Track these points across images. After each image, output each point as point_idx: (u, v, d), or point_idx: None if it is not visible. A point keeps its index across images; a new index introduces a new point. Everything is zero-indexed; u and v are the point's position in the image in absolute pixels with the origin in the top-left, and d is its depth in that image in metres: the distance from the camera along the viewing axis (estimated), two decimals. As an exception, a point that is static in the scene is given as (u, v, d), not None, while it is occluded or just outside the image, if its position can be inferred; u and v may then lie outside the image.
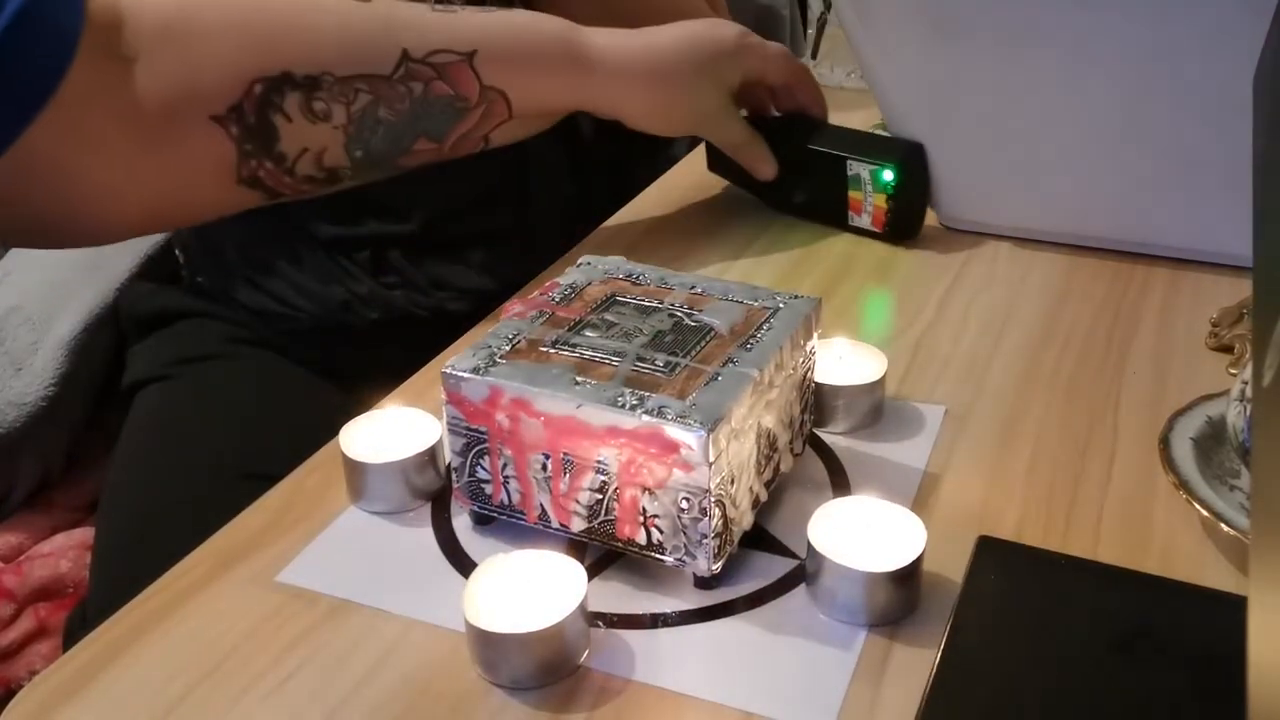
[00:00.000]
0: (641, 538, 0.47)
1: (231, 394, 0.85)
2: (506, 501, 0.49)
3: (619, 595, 0.48)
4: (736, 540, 0.48)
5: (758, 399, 0.47)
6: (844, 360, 0.58)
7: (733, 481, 0.46)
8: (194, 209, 0.69)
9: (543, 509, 0.48)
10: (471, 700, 0.43)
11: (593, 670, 0.44)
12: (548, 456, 0.47)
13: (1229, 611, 0.34)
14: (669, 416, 0.44)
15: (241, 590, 0.49)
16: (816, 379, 0.56)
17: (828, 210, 0.80)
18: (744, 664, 0.44)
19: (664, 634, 0.46)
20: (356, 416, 0.55)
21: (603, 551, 0.50)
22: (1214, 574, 0.48)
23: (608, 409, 0.45)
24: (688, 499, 0.45)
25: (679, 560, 0.46)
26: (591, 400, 0.45)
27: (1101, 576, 0.47)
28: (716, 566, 0.47)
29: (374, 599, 0.48)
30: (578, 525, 0.48)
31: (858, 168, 0.76)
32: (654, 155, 1.05)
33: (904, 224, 0.78)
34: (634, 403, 0.45)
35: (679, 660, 0.44)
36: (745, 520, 0.49)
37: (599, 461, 0.46)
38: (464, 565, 0.50)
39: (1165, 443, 0.52)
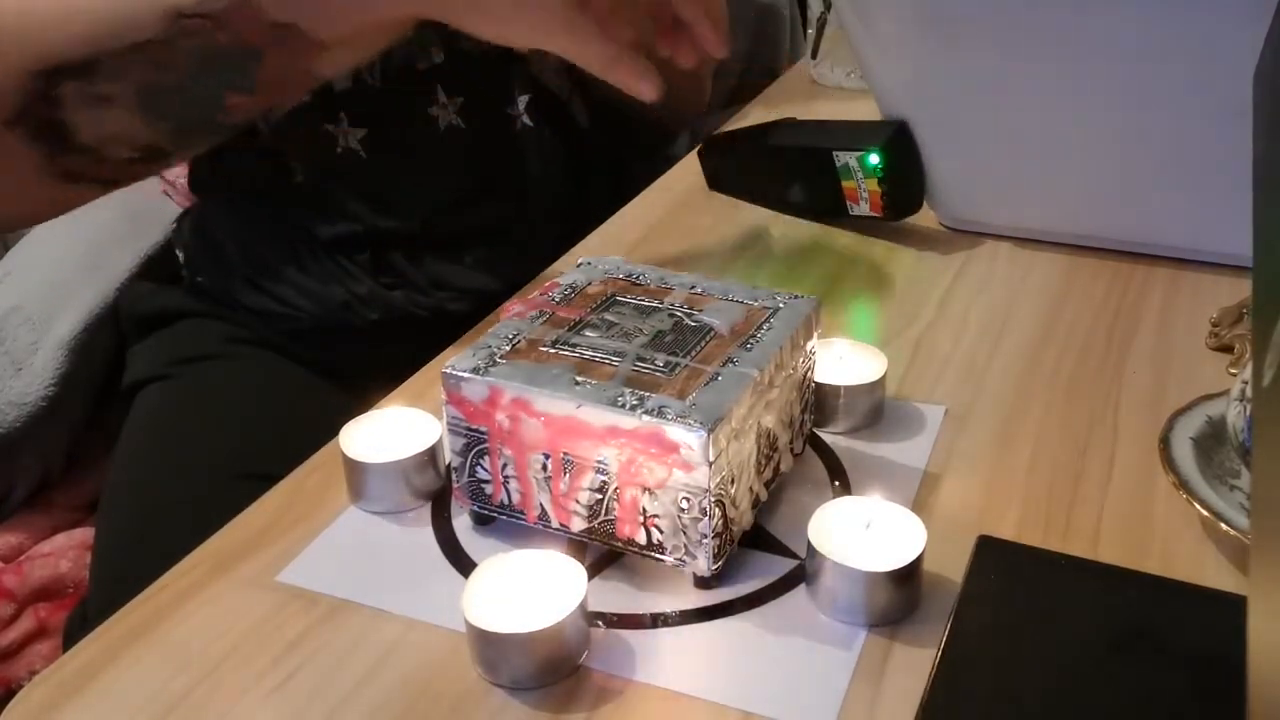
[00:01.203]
0: (641, 537, 0.47)
1: (231, 394, 0.85)
2: (506, 501, 0.49)
3: (619, 595, 0.48)
4: (736, 540, 0.48)
5: (758, 399, 0.47)
6: (844, 360, 0.58)
7: (733, 481, 0.46)
8: (32, 208, 0.67)
9: (543, 509, 0.48)
10: (471, 700, 0.43)
11: (593, 670, 0.44)
12: (548, 456, 0.47)
13: (1229, 611, 0.34)
14: (669, 416, 0.44)
15: (241, 590, 0.49)
16: (816, 379, 0.56)
17: (826, 204, 0.80)
18: (744, 664, 0.44)
19: (664, 634, 0.46)
20: (356, 416, 0.55)
21: (603, 551, 0.50)
22: (1214, 574, 0.48)
23: (608, 409, 0.45)
24: (688, 499, 0.45)
25: (679, 560, 0.46)
26: (591, 400, 0.45)
27: (1101, 576, 0.47)
28: (716, 566, 0.47)
29: (374, 599, 0.48)
30: (578, 525, 0.48)
31: (845, 158, 0.77)
32: (653, 155, 1.05)
33: (902, 202, 0.78)
34: (634, 403, 0.45)
35: (679, 660, 0.44)
36: (745, 520, 0.49)
37: (599, 461, 0.46)
38: (464, 565, 0.50)
39: (1165, 443, 0.52)
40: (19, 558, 0.87)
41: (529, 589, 0.44)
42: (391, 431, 0.54)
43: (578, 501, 0.47)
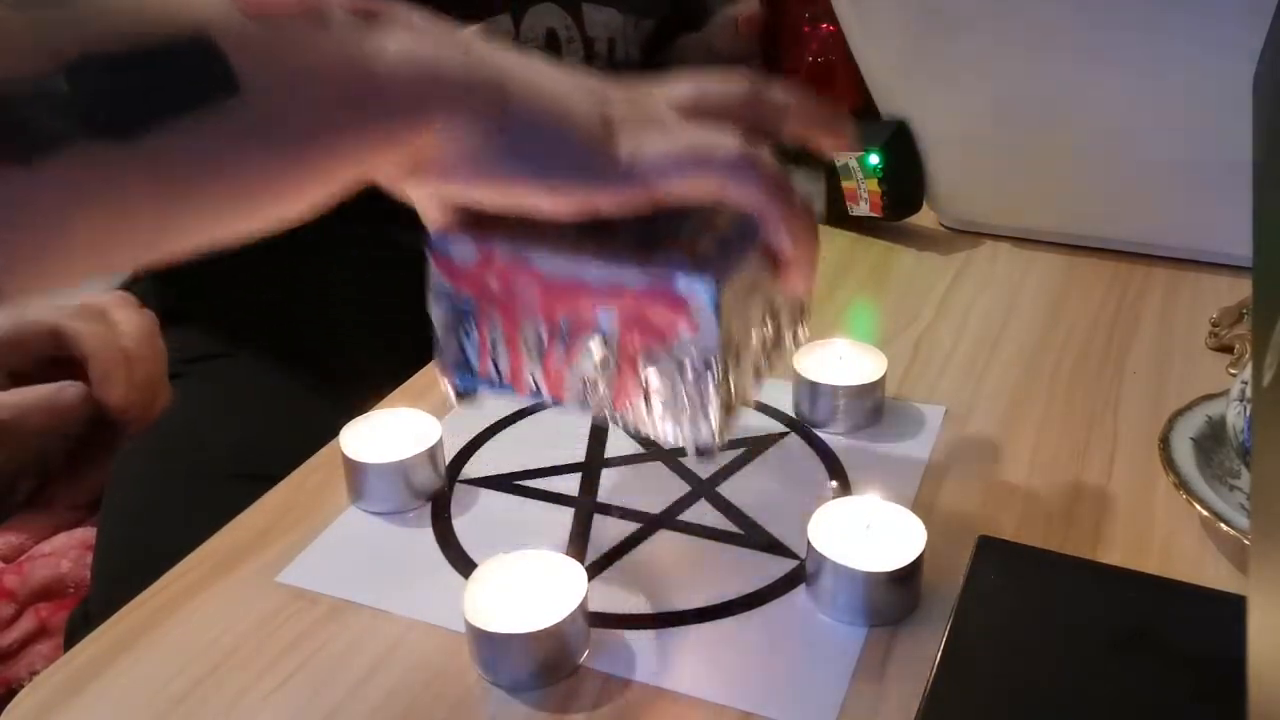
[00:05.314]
0: (641, 409, 0.44)
1: (231, 394, 0.85)
2: (494, 374, 0.46)
3: (619, 595, 0.48)
4: (740, 412, 0.45)
5: (764, 265, 0.44)
6: (844, 360, 0.58)
7: (738, 346, 0.43)
8: None
9: (534, 381, 0.45)
10: (471, 700, 0.43)
11: (593, 670, 0.44)
12: (543, 323, 0.43)
13: (1229, 611, 0.34)
14: (676, 270, 0.41)
15: (241, 590, 0.49)
16: (816, 379, 0.56)
17: (826, 205, 0.80)
18: (744, 664, 0.44)
19: (664, 634, 0.46)
20: (356, 416, 0.55)
21: (603, 551, 0.50)
22: (1214, 574, 0.48)
23: (609, 266, 0.41)
24: (691, 361, 0.42)
25: (679, 429, 0.43)
26: (592, 256, 0.42)
27: (1101, 576, 0.47)
28: (719, 437, 0.43)
29: (374, 599, 0.48)
30: (572, 398, 0.45)
31: (844, 158, 0.77)
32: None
33: (902, 203, 0.78)
34: (638, 258, 0.41)
35: (679, 660, 0.44)
36: (749, 391, 0.46)
37: (598, 325, 0.43)
38: (464, 565, 0.50)
39: (1165, 443, 0.52)
40: (20, 557, 0.87)
41: (529, 589, 0.44)
42: (391, 431, 0.54)
43: (573, 372, 0.44)
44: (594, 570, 0.49)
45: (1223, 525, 0.46)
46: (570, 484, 0.55)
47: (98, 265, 0.33)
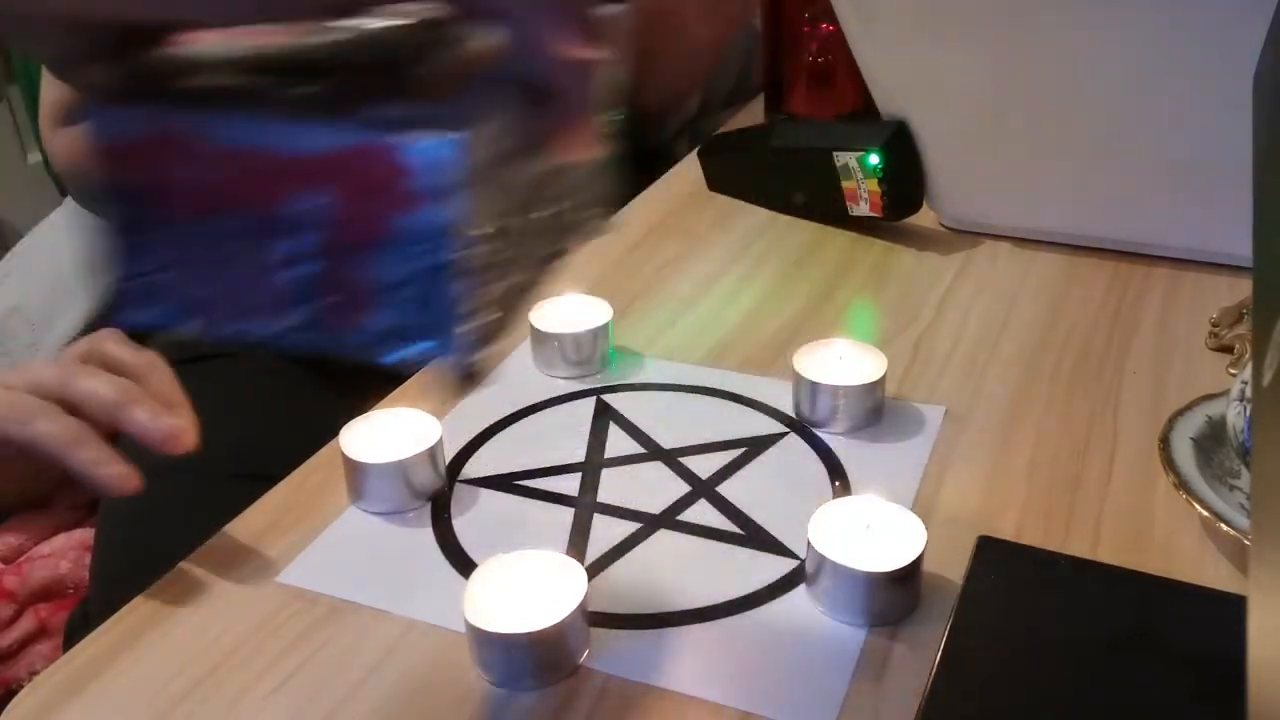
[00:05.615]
0: (372, 323, 0.32)
1: (231, 394, 0.85)
2: (174, 302, 0.34)
3: (619, 595, 0.48)
4: (511, 324, 0.34)
5: (534, 117, 0.32)
6: (844, 360, 0.58)
7: (502, 230, 0.32)
8: None
9: (224, 305, 0.33)
10: (471, 700, 0.43)
11: (593, 670, 0.44)
12: (230, 216, 0.32)
13: (1229, 611, 0.34)
14: (401, 124, 0.30)
15: (241, 590, 0.49)
16: (816, 379, 0.56)
17: (826, 205, 0.80)
18: (744, 664, 0.44)
19: (664, 634, 0.46)
20: (356, 416, 0.55)
21: (603, 551, 0.50)
22: (1214, 574, 0.48)
23: (308, 123, 0.31)
24: (431, 249, 0.30)
25: (430, 350, 0.32)
26: (282, 119, 0.31)
27: (1101, 576, 0.47)
28: (478, 355, 0.32)
29: (374, 599, 0.48)
30: (277, 321, 0.33)
31: (844, 158, 0.77)
32: (653, 154, 1.05)
33: (902, 203, 0.78)
34: (347, 113, 0.31)
35: (679, 660, 0.44)
36: (526, 294, 0.35)
37: (301, 211, 0.31)
38: (464, 565, 0.50)
39: (1165, 443, 0.52)
40: (19, 558, 0.86)
41: (529, 589, 0.44)
42: (391, 431, 0.54)
43: (274, 283, 0.32)
44: (594, 570, 0.49)
45: (1223, 525, 0.46)
46: (570, 484, 0.55)
47: None
